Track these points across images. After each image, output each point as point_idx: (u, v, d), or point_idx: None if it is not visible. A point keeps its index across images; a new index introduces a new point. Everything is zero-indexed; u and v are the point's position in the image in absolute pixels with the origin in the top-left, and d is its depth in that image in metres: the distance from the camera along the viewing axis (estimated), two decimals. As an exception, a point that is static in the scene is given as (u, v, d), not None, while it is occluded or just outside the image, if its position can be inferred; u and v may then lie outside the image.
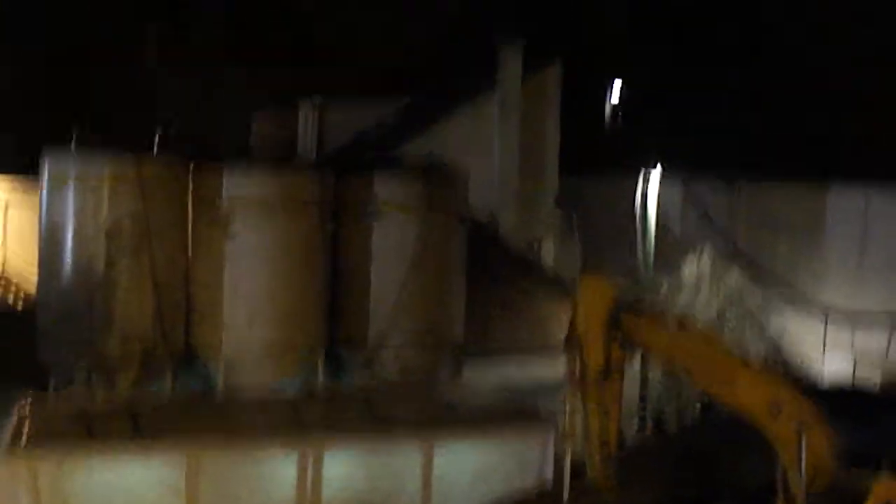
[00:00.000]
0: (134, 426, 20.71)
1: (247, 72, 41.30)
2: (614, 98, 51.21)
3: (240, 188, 24.05)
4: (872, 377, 29.12)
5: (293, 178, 24.49)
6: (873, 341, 33.65)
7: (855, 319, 33.91)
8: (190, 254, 24.72)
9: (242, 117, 39.94)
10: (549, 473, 21.43)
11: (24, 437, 19.99)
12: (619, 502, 16.08)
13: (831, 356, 34.99)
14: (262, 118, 39.86)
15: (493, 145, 35.28)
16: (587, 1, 48.59)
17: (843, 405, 20.41)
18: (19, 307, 28.14)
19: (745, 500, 18.82)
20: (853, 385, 26.41)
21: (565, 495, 16.20)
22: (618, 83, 50.98)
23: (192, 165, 24.59)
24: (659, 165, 34.25)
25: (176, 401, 23.23)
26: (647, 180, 34.10)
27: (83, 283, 23.82)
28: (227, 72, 41.33)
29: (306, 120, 37.48)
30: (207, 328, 24.43)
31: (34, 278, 25.30)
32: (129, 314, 23.82)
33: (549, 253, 36.38)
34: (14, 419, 20.70)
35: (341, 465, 20.72)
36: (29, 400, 21.70)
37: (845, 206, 35.27)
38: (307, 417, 21.52)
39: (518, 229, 34.99)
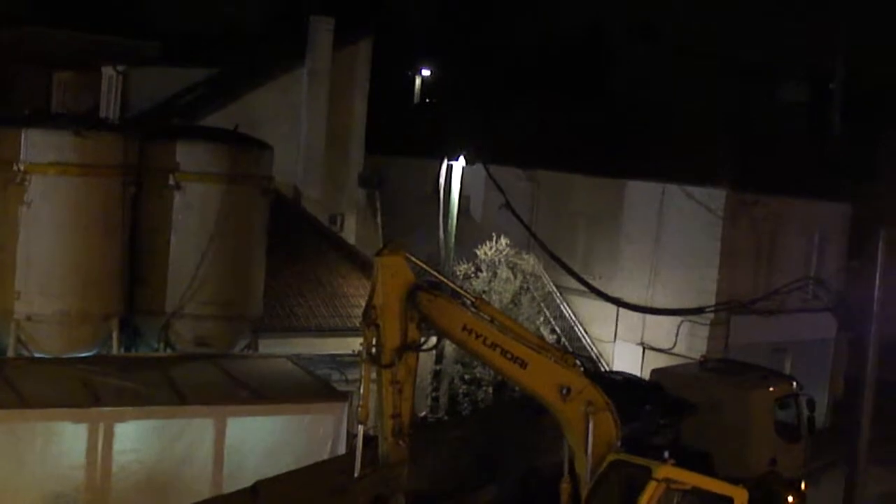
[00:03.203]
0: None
1: (48, 32, 40.33)
2: (424, 80, 51.73)
3: (37, 152, 23.33)
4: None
5: (93, 142, 23.84)
6: (662, 332, 34.74)
7: (645, 311, 34.95)
8: (-16, 216, 24.02)
9: (43, 79, 38.99)
10: (341, 448, 21.53)
11: None
12: (405, 480, 16.26)
13: (621, 344, 36.01)
14: (62, 81, 38.94)
15: (300, 118, 35.20)
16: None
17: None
18: None
19: (521, 483, 19.26)
20: (625, 374, 27.32)
21: (357, 469, 16.29)
22: (427, 67, 51.58)
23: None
24: (464, 151, 34.71)
25: (-37, 365, 22.59)
26: (452, 165, 34.49)
27: None
28: (28, 30, 40.28)
29: (110, 84, 36.76)
30: (-1, 293, 23.82)
31: None
32: (-84, 275, 23.12)
33: (351, 229, 36.52)
34: None
35: (133, 435, 20.44)
36: None
37: (642, 200, 36.23)
38: (100, 386, 21.13)
39: (321, 204, 35.01)
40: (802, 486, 25.05)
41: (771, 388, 25.65)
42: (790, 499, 24.43)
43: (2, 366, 22.19)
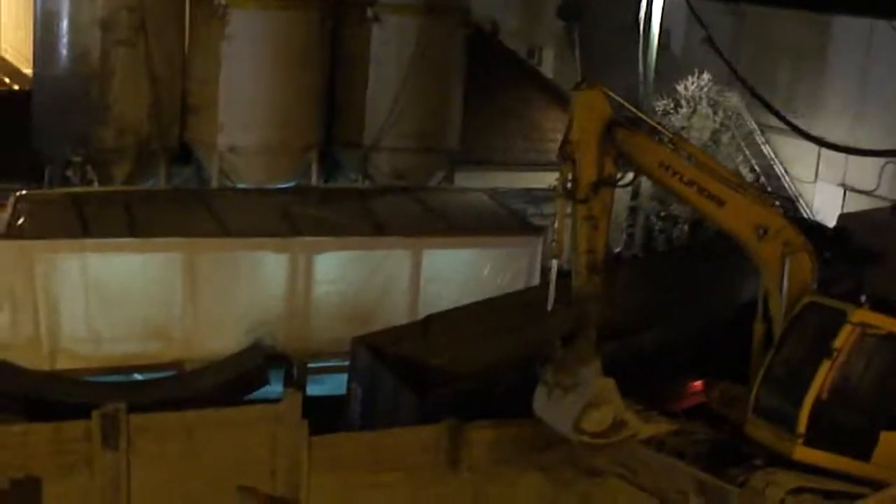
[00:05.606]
0: (129, 220, 20.76)
1: None
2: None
3: (238, -15, 23.72)
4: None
5: (293, -25, 24.12)
6: (865, 174, 33.75)
7: (848, 151, 33.94)
8: (187, 49, 24.53)
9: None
10: (535, 282, 21.65)
11: (20, 226, 20.01)
12: (599, 315, 16.24)
13: (822, 186, 35.16)
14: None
15: (498, -50, 34.79)
16: None
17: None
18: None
19: (718, 324, 19.11)
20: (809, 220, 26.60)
21: (550, 303, 16.35)
22: None
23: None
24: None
25: (170, 195, 23.31)
26: (652, -3, 33.66)
27: (78, 73, 23.67)
28: None
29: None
30: (203, 125, 24.42)
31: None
32: (125, 107, 23.78)
33: (548, 63, 36.13)
34: (10, 209, 20.67)
35: (332, 266, 20.89)
36: (24, 191, 21.70)
37: (849, 36, 34.97)
38: (300, 217, 21.58)
39: (519, 37, 34.66)
40: None
41: None
42: None
43: (206, 196, 22.88)
